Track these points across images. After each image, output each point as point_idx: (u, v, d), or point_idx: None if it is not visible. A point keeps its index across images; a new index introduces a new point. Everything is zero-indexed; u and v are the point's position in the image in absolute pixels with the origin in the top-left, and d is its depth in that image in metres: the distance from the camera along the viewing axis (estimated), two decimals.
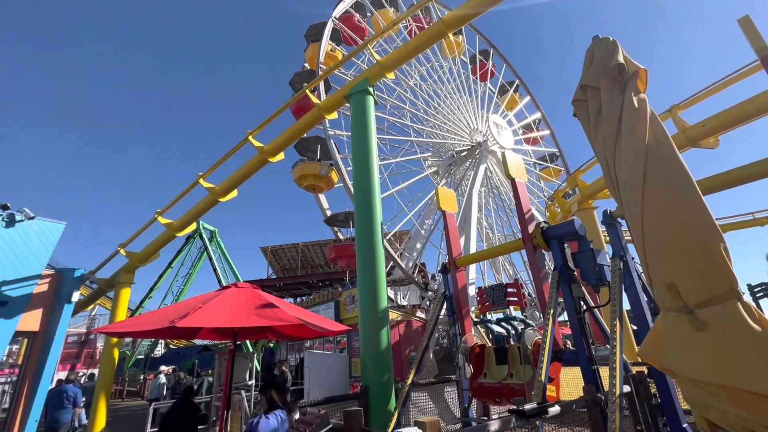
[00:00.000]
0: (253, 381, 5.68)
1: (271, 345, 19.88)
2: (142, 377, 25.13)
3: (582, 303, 5.55)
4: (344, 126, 15.24)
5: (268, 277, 29.77)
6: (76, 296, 13.50)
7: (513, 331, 6.97)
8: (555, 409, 3.86)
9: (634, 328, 10.52)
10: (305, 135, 12.58)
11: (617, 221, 6.18)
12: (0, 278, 11.43)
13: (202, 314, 3.54)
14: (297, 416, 4.34)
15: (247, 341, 15.46)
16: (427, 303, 14.71)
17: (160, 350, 29.21)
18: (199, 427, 5.03)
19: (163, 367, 14.76)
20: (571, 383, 7.10)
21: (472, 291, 11.79)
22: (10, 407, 12.51)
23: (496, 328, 7.26)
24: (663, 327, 1.29)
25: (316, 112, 10.23)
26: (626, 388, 4.81)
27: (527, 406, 3.61)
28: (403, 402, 5.97)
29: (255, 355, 6.58)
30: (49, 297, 12.83)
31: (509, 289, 7.00)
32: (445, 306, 7.85)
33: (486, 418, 6.99)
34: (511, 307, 7.24)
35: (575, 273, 5.72)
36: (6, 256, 11.68)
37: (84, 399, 9.55)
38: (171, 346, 30.58)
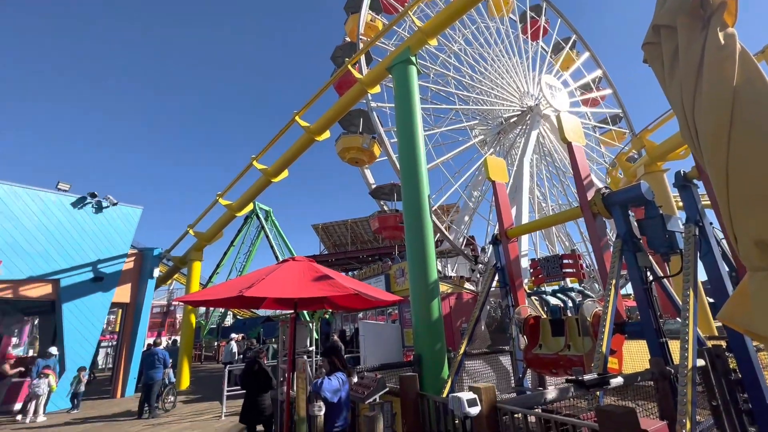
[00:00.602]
0: (314, 348, 6.09)
1: (327, 316, 21.02)
2: (215, 344, 27.93)
3: (648, 273, 5.17)
4: (387, 98, 15.02)
5: (320, 253, 31.12)
6: (156, 272, 15.19)
7: (570, 303, 6.71)
8: (617, 380, 3.72)
9: (710, 300, 9.63)
10: None
11: (692, 183, 5.57)
12: (95, 257, 13.13)
13: (266, 285, 3.82)
14: (355, 380, 4.62)
15: (305, 312, 16.47)
16: (477, 276, 14.55)
17: (229, 320, 32.12)
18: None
19: (233, 335, 16.28)
20: (635, 357, 6.77)
21: (524, 263, 11.44)
22: (114, 366, 14.67)
23: (552, 300, 7.03)
24: (750, 288, 1.17)
25: (358, 87, 10.18)
26: (700, 362, 4.48)
27: (587, 377, 3.52)
28: (456, 370, 6.09)
29: (313, 324, 7.06)
30: (134, 273, 14.58)
31: (565, 261, 6.69)
32: (496, 278, 7.74)
33: (541, 388, 6.93)
34: (568, 279, 6.96)
35: (641, 241, 5.30)
36: (98, 238, 13.34)
37: (170, 360, 10.88)
38: (238, 317, 33.48)
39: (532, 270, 7.33)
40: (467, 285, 14.04)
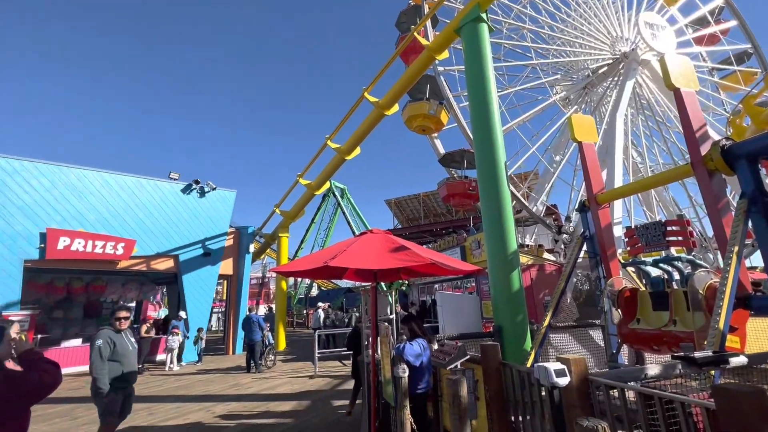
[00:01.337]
0: (393, 316, 6.38)
1: (404, 288, 21.64)
2: (304, 312, 30.74)
3: None
4: (455, 60, 14.22)
5: (394, 227, 31.78)
6: (251, 248, 17.02)
7: (676, 274, 5.94)
8: (739, 360, 3.24)
9: None
10: None
11: None
12: (203, 236, 15.13)
13: (347, 256, 4.05)
14: (435, 347, 4.74)
15: (382, 283, 17.19)
16: (561, 246, 13.58)
17: (314, 292, 34.93)
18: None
19: (320, 304, 17.78)
20: (761, 336, 5.80)
21: (617, 231, 10.34)
22: (224, 329, 17.11)
23: (653, 271, 6.28)
24: None
25: (425, 55, 9.83)
26: None
27: (699, 354, 3.13)
28: (540, 342, 5.87)
29: (392, 294, 7.46)
30: (234, 249, 16.53)
31: (670, 227, 5.88)
32: (584, 248, 7.14)
33: (640, 365, 6.35)
34: (672, 248, 6.13)
35: None
36: (204, 219, 15.33)
37: (268, 324, 12.37)
38: (322, 288, 36.20)
39: (627, 239, 6.60)
40: (547, 255, 13.23)
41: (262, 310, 30.98)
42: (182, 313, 13.21)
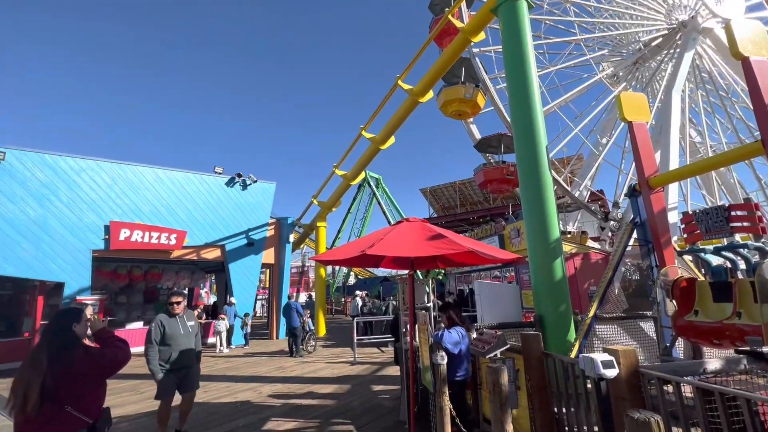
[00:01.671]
0: (431, 304, 6.38)
1: (440, 277, 21.54)
2: (342, 300, 31.50)
3: None
4: (492, 41, 13.64)
5: (429, 216, 31.54)
6: (291, 238, 17.61)
7: (741, 262, 5.44)
8: None
9: None
10: None
11: None
12: (246, 226, 15.85)
13: (385, 244, 4.08)
14: (474, 335, 4.70)
15: (418, 272, 17.22)
16: (609, 234, 12.85)
17: (352, 280, 35.67)
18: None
19: (358, 292, 18.15)
20: None
21: (672, 217, 9.61)
22: (268, 315, 17.96)
23: (714, 260, 5.80)
24: None
25: (460, 38, 9.52)
26: None
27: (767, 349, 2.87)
28: (585, 334, 5.65)
29: (429, 282, 7.45)
30: (275, 239, 17.19)
31: (735, 212, 5.37)
32: (634, 235, 6.71)
33: (696, 359, 5.93)
34: (737, 235, 5.60)
35: None
36: (247, 210, 16.04)
37: (308, 311, 12.85)
38: (359, 277, 36.86)
39: (683, 225, 6.11)
40: (592, 243, 12.57)
41: (303, 297, 32.17)
42: (232, 299, 14.04)
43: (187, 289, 19.67)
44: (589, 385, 3.14)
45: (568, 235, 13.26)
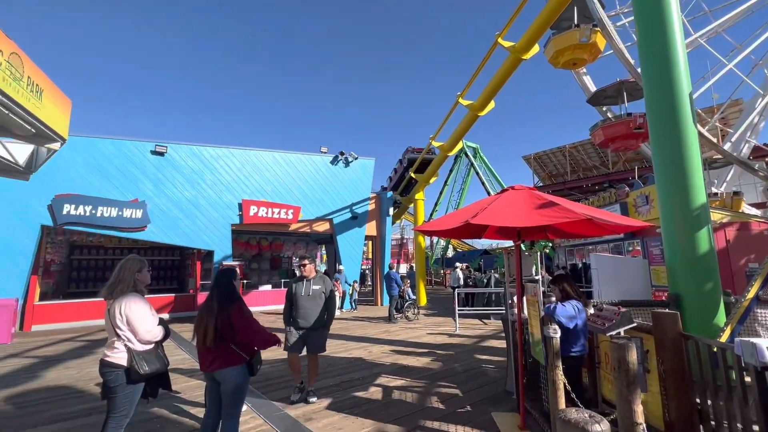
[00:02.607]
0: (539, 276, 6.03)
1: (547, 251, 20.03)
2: (441, 272, 31.81)
3: None
4: None
5: (534, 185, 29.16)
6: (391, 211, 18.31)
7: None
8: None
9: None
10: None
11: None
12: (350, 201, 16.98)
13: (489, 214, 3.95)
14: (591, 311, 4.33)
15: (522, 245, 16.28)
16: None
17: (450, 253, 35.63)
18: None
19: (458, 264, 18.11)
20: None
21: None
22: (372, 283, 19.24)
23: None
24: None
25: None
26: None
27: None
28: (740, 318, 4.69)
29: (536, 254, 6.89)
30: (376, 212, 18.06)
31: None
32: None
33: None
34: None
35: None
36: (350, 186, 17.12)
37: (408, 281, 13.39)
38: (458, 250, 36.56)
39: None
40: (748, 209, 10.09)
41: (403, 268, 33.46)
42: (341, 268, 15.45)
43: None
44: (747, 377, 2.65)
45: (716, 200, 10.93)
